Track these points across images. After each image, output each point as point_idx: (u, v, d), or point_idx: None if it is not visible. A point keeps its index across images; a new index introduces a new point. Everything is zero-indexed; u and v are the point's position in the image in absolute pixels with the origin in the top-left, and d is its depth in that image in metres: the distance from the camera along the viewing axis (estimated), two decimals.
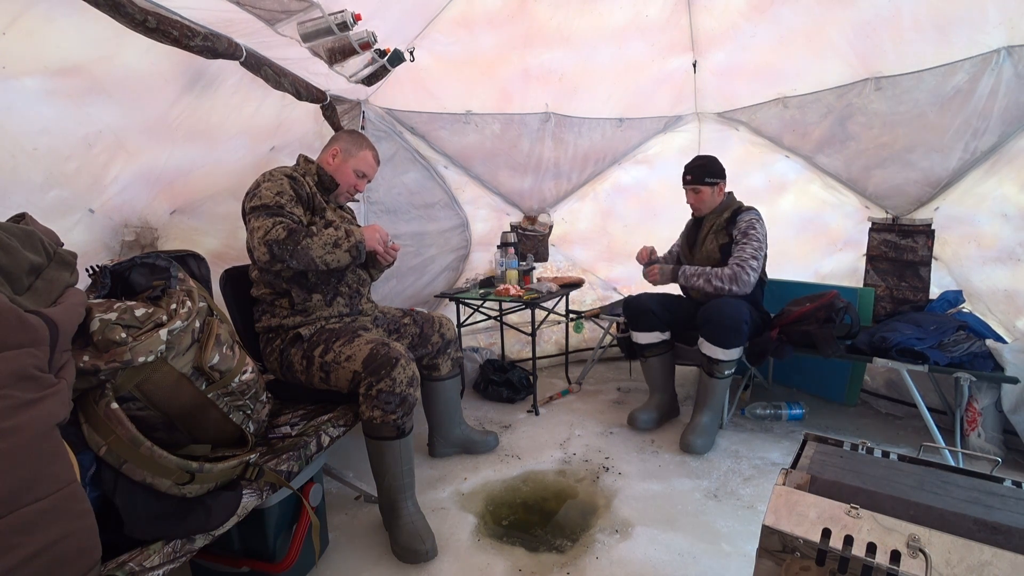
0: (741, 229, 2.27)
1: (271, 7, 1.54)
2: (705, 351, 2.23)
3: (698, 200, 2.40)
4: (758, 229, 2.25)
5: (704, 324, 2.20)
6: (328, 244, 1.58)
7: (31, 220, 1.00)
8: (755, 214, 2.31)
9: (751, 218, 2.29)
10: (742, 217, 2.30)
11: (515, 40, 2.58)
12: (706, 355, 2.23)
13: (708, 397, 2.27)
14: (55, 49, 1.27)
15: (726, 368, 2.21)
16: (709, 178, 2.34)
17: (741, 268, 2.17)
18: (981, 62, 2.11)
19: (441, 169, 3.00)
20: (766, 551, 0.91)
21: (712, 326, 2.17)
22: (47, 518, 0.72)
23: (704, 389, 2.28)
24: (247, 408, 1.28)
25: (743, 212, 2.33)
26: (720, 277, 2.20)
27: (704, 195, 2.37)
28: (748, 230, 2.25)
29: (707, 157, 2.39)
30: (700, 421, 2.25)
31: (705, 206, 2.40)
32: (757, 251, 2.20)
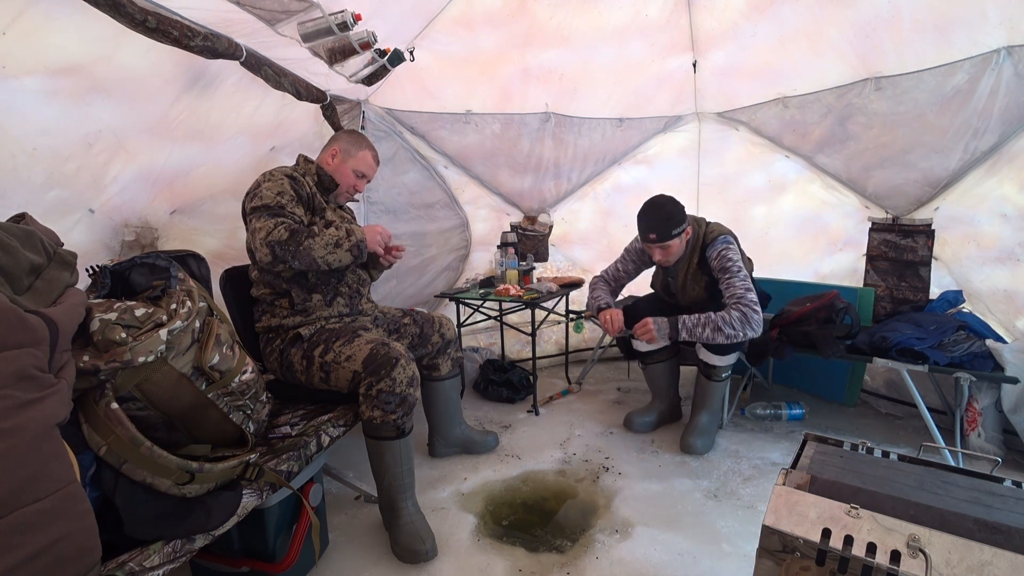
0: (717, 265, 2.08)
1: (271, 7, 1.54)
2: (702, 357, 2.22)
3: (667, 255, 2.12)
4: (732, 258, 2.05)
5: None
6: (330, 244, 1.58)
7: (31, 220, 1.00)
8: (721, 243, 2.10)
9: (720, 251, 2.08)
10: (710, 254, 2.11)
11: (515, 40, 2.58)
12: (703, 360, 2.22)
13: (706, 398, 2.26)
14: (55, 49, 1.27)
15: (723, 372, 2.21)
16: (676, 229, 2.06)
17: (748, 307, 1.94)
18: (981, 62, 2.11)
19: (441, 169, 3.00)
20: (766, 551, 0.91)
21: None
22: (47, 518, 0.72)
23: (702, 391, 2.27)
24: (247, 408, 1.28)
25: (708, 247, 2.12)
26: (730, 323, 1.93)
27: (673, 248, 2.10)
28: (725, 264, 2.05)
29: (663, 205, 2.07)
30: (699, 422, 2.23)
31: (675, 257, 2.15)
32: (745, 280, 2.02)
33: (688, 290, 2.23)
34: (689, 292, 2.23)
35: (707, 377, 2.24)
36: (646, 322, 2.04)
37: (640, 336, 2.06)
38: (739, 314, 1.94)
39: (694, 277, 2.20)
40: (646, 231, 2.09)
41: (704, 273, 2.17)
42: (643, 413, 2.41)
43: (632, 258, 2.40)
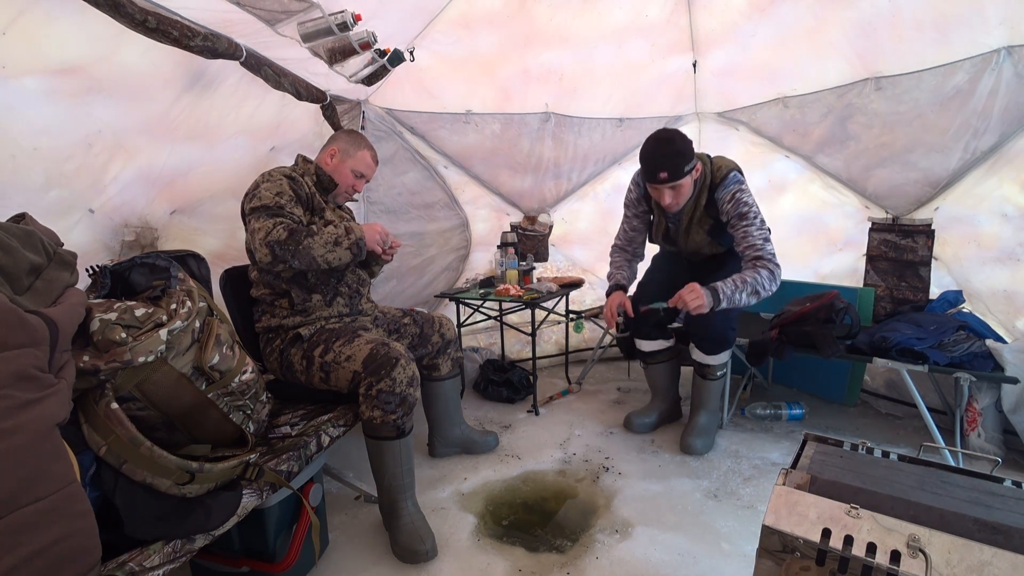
0: (730, 210, 1.87)
1: (271, 7, 1.54)
2: (695, 357, 2.20)
3: (678, 198, 1.90)
4: (748, 202, 1.86)
5: (693, 334, 2.17)
6: (329, 243, 1.58)
7: (31, 220, 1.00)
8: (733, 182, 1.89)
9: (733, 193, 1.86)
10: (721, 196, 1.89)
11: (515, 40, 2.58)
12: (696, 361, 2.21)
13: (703, 398, 2.24)
14: (55, 49, 1.27)
15: (717, 370, 2.19)
16: (688, 166, 1.84)
17: (771, 262, 1.81)
18: (981, 62, 2.11)
19: (441, 169, 3.00)
20: (766, 551, 0.91)
21: (699, 338, 2.15)
22: (47, 518, 0.72)
23: (699, 391, 2.25)
24: (247, 408, 1.28)
25: (719, 187, 1.91)
26: (762, 283, 1.79)
27: (684, 189, 1.88)
28: (741, 209, 1.84)
29: (672, 139, 1.85)
30: (698, 422, 2.21)
31: (684, 199, 1.93)
32: (763, 228, 1.84)
33: (692, 235, 2.05)
34: (693, 238, 2.05)
35: (702, 376, 2.22)
36: (694, 287, 1.79)
37: (691, 304, 1.78)
38: (767, 272, 1.79)
39: (699, 221, 2.00)
40: (656, 170, 1.83)
41: (710, 216, 1.97)
42: (643, 414, 2.38)
43: (634, 212, 2.21)
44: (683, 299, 1.80)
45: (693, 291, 1.78)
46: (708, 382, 2.20)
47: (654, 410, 2.39)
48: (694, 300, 1.77)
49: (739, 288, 1.78)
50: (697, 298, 1.77)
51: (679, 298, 1.80)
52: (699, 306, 1.78)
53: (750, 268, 1.82)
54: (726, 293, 1.78)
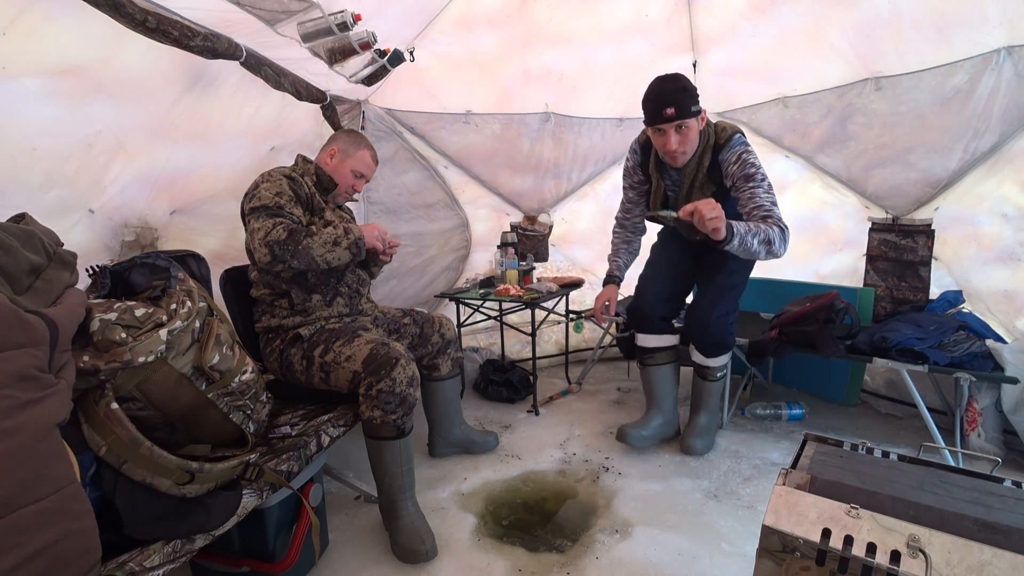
0: (736, 172, 1.73)
1: (271, 7, 1.54)
2: (695, 359, 2.16)
3: (684, 142, 1.75)
4: (756, 163, 1.73)
5: (692, 336, 2.11)
6: (328, 243, 1.58)
7: (31, 220, 1.00)
8: (739, 143, 1.77)
9: (739, 154, 1.73)
10: (726, 157, 1.76)
11: (515, 40, 2.58)
12: (696, 363, 2.18)
13: (703, 399, 2.20)
14: (55, 49, 1.27)
15: (718, 371, 2.16)
16: (695, 105, 1.71)
17: (781, 224, 1.65)
18: (981, 62, 2.11)
19: (441, 169, 3.00)
20: (766, 551, 0.91)
21: (697, 341, 2.10)
22: (47, 518, 0.72)
23: (699, 391, 2.22)
24: (247, 408, 1.28)
25: (723, 149, 1.78)
26: (773, 239, 1.61)
27: (691, 134, 1.74)
28: (748, 171, 1.71)
29: (678, 77, 1.76)
30: (698, 422, 2.18)
31: (691, 147, 1.78)
32: (771, 191, 1.70)
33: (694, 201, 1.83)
34: None
35: (702, 377, 2.19)
36: (711, 201, 1.52)
37: (707, 215, 1.49)
38: (778, 229, 1.62)
39: (701, 185, 1.84)
40: (661, 106, 1.70)
41: (713, 181, 1.82)
42: (640, 426, 2.14)
43: (630, 182, 2.10)
44: (699, 211, 1.50)
45: (711, 204, 1.50)
46: (708, 383, 2.18)
47: (651, 421, 2.18)
48: (711, 212, 1.49)
49: (752, 231, 1.58)
50: (714, 211, 1.49)
51: (696, 209, 1.51)
52: (716, 219, 1.49)
53: (758, 221, 1.65)
54: (739, 232, 1.56)
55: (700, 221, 1.50)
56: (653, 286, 2.17)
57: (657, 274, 2.21)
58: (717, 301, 2.01)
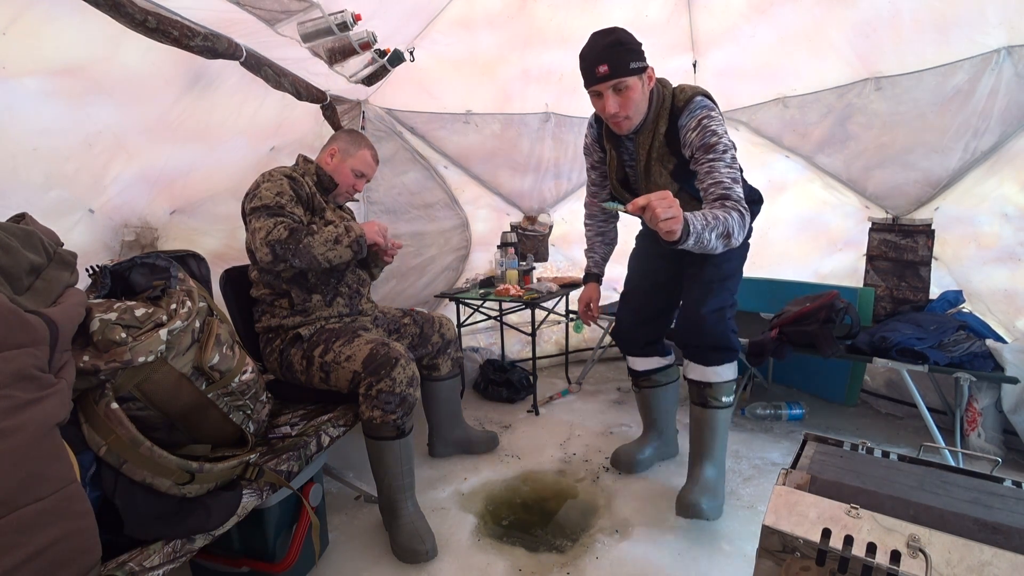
0: (695, 140, 1.46)
1: (271, 7, 1.54)
2: (692, 375, 1.70)
3: (626, 105, 1.48)
4: (718, 131, 1.45)
5: (684, 342, 1.71)
6: (329, 241, 1.58)
7: (31, 220, 1.00)
8: (700, 107, 1.49)
9: (700, 118, 1.46)
10: (685, 123, 1.49)
11: (515, 40, 2.58)
12: (693, 380, 1.70)
13: (707, 439, 1.70)
14: (55, 49, 1.27)
15: (724, 392, 1.67)
16: (635, 62, 1.46)
17: (739, 206, 1.39)
18: (981, 62, 2.11)
19: (441, 169, 3.00)
20: (766, 551, 0.91)
21: (691, 347, 1.69)
22: (47, 518, 0.72)
23: (699, 429, 1.71)
24: (247, 408, 1.28)
25: (683, 113, 1.51)
26: (731, 227, 1.35)
27: (633, 94, 1.47)
28: (708, 139, 1.44)
29: (614, 30, 1.51)
30: (702, 476, 1.67)
31: (635, 110, 1.51)
32: (733, 165, 1.44)
33: (653, 177, 1.61)
34: (655, 180, 1.61)
35: (703, 404, 1.69)
36: (667, 195, 1.19)
37: (661, 214, 1.17)
38: (737, 214, 1.37)
39: (660, 157, 1.57)
40: (594, 64, 1.45)
41: (673, 153, 1.55)
42: (638, 448, 1.97)
43: (591, 162, 1.85)
44: (652, 208, 1.17)
45: (667, 200, 1.18)
46: (712, 411, 1.68)
47: (648, 443, 1.99)
48: (666, 211, 1.16)
49: (709, 225, 1.30)
50: (670, 209, 1.17)
51: (648, 204, 1.18)
52: (671, 220, 1.18)
53: (717, 207, 1.38)
54: (695, 229, 1.27)
55: (652, 220, 1.18)
56: (632, 306, 1.93)
57: (635, 290, 1.93)
58: (707, 296, 1.66)
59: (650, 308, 1.90)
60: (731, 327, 1.70)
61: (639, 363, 1.95)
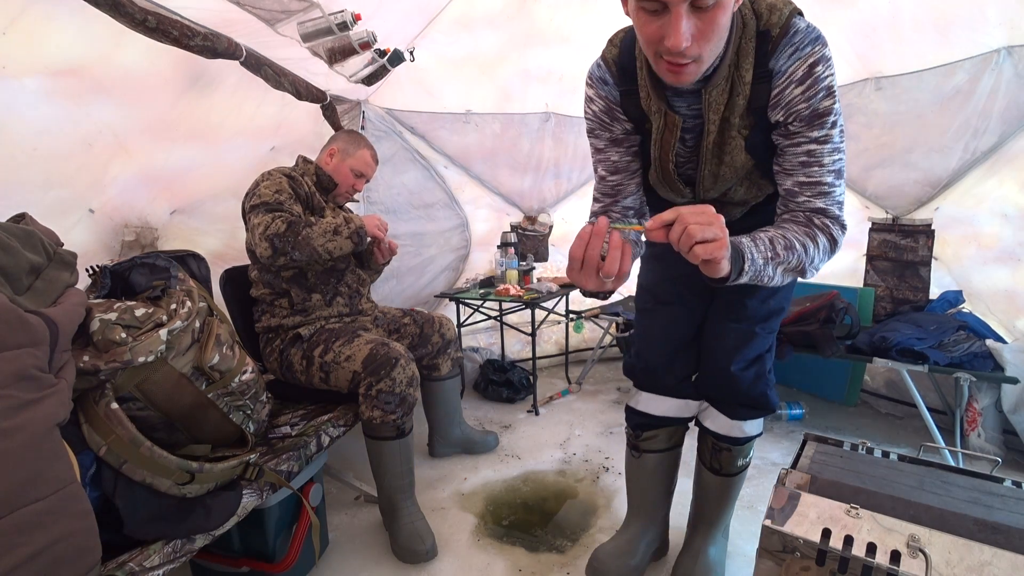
0: (798, 100, 0.92)
1: (271, 7, 1.54)
2: (710, 425, 1.32)
3: (708, 31, 0.80)
4: (832, 85, 0.92)
5: (708, 388, 1.30)
6: (328, 232, 1.59)
7: (31, 220, 1.00)
8: (809, 37, 0.90)
9: (811, 59, 0.90)
10: (787, 66, 0.91)
11: (515, 40, 2.58)
12: (711, 432, 1.32)
13: (715, 507, 1.38)
14: (55, 49, 1.27)
15: (743, 454, 1.32)
16: None
17: (835, 223, 0.97)
18: (981, 62, 2.11)
19: (441, 169, 3.00)
20: (766, 551, 0.91)
21: (718, 397, 1.29)
22: (47, 518, 0.72)
23: (707, 494, 1.39)
24: (247, 408, 1.28)
25: (780, 47, 0.91)
26: (812, 259, 0.94)
27: (724, 12, 0.80)
28: (818, 98, 0.91)
29: None
30: (705, 549, 1.37)
31: (715, 46, 0.85)
32: (841, 146, 0.96)
33: (728, 157, 1.02)
34: (730, 162, 1.02)
35: (715, 471, 1.34)
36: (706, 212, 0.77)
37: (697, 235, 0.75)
38: (826, 239, 0.95)
39: (741, 121, 0.98)
40: None
41: (752, 111, 0.97)
42: (623, 552, 1.40)
43: (608, 138, 1.14)
44: (687, 227, 0.75)
45: (706, 216, 0.76)
46: (726, 479, 1.34)
47: (639, 542, 1.42)
48: (703, 231, 0.75)
49: (777, 257, 0.88)
50: (710, 228, 0.75)
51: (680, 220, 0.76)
52: (713, 245, 0.75)
53: (800, 223, 0.96)
54: (752, 257, 0.85)
55: (686, 245, 0.75)
56: (661, 322, 1.34)
57: (662, 301, 1.34)
58: (743, 344, 1.23)
59: (689, 326, 1.31)
60: (770, 383, 1.27)
61: (661, 404, 1.35)
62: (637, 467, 1.42)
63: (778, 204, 1.02)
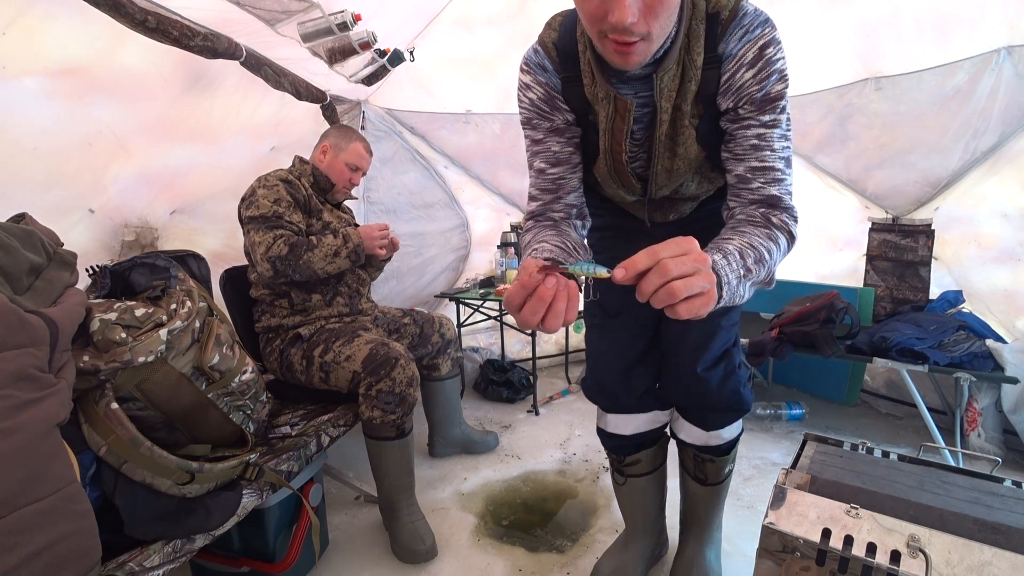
0: (749, 84, 0.87)
1: (271, 7, 1.54)
2: (686, 438, 1.26)
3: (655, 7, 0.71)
4: (783, 69, 0.88)
5: (676, 397, 1.24)
6: (328, 255, 1.64)
7: (31, 220, 1.00)
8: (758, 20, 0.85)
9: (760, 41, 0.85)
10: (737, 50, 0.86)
11: (515, 40, 2.58)
12: (688, 444, 1.27)
13: (706, 512, 1.35)
14: (55, 49, 1.28)
15: (727, 462, 1.27)
16: None
17: (789, 214, 0.93)
18: (981, 62, 2.11)
19: (441, 169, 3.00)
20: (766, 551, 0.91)
21: (689, 405, 1.23)
22: (47, 518, 0.72)
23: (694, 503, 1.36)
24: (247, 408, 1.28)
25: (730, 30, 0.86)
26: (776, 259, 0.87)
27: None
28: (770, 82, 0.87)
29: None
30: (701, 552, 1.35)
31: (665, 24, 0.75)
32: (788, 131, 0.94)
33: (681, 149, 0.96)
34: (682, 153, 0.96)
35: (700, 481, 1.30)
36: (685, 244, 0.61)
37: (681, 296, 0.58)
38: (786, 236, 0.91)
39: (692, 109, 0.92)
40: None
41: (701, 99, 0.91)
42: (632, 560, 1.38)
43: (547, 128, 1.05)
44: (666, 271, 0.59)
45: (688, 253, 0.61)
46: (710, 489, 1.30)
47: (639, 555, 1.40)
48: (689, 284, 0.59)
49: (750, 273, 0.77)
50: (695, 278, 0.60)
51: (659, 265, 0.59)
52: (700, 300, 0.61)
53: (760, 225, 0.89)
54: (729, 282, 0.71)
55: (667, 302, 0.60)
56: (614, 337, 1.24)
57: (612, 314, 1.24)
58: (708, 342, 1.15)
59: (641, 337, 1.22)
60: (741, 379, 1.20)
61: (628, 423, 1.27)
62: (626, 492, 1.39)
63: (728, 195, 0.95)
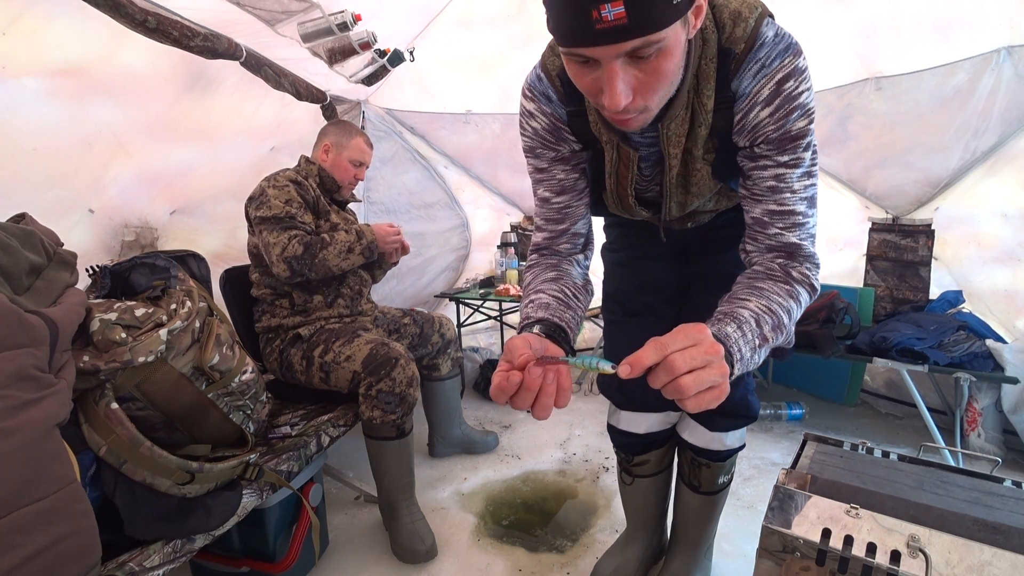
0: (766, 122, 0.78)
1: (271, 8, 1.54)
2: (689, 438, 1.24)
3: (652, 82, 0.67)
4: (807, 102, 0.78)
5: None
6: (343, 251, 1.64)
7: (31, 220, 1.00)
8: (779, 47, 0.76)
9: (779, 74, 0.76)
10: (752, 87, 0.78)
11: (515, 40, 2.58)
12: (690, 445, 1.25)
13: (697, 528, 1.33)
14: (55, 49, 1.28)
15: (725, 470, 1.26)
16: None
17: (810, 264, 0.89)
18: (981, 62, 2.10)
19: (441, 169, 3.01)
20: (766, 551, 0.91)
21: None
22: (47, 518, 0.72)
23: (686, 513, 1.33)
24: (247, 408, 1.28)
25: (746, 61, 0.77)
26: (794, 318, 0.88)
27: (671, 57, 0.65)
28: (791, 119, 0.77)
29: None
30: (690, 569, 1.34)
31: (665, 91, 0.71)
32: (812, 168, 0.83)
33: (693, 186, 0.93)
34: (695, 189, 0.93)
35: (694, 489, 1.28)
36: (695, 335, 0.62)
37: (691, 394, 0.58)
38: (807, 290, 0.88)
39: (706, 150, 0.88)
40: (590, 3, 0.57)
41: (716, 134, 0.85)
42: (635, 560, 1.41)
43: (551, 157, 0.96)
44: (673, 368, 0.59)
45: (699, 344, 0.61)
46: (705, 499, 1.28)
47: (639, 555, 1.41)
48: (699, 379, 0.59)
49: (764, 343, 0.76)
50: (707, 372, 0.60)
51: (667, 362, 0.60)
52: (711, 394, 0.61)
53: (779, 280, 0.86)
54: (743, 356, 0.72)
55: (675, 396, 0.60)
56: (632, 333, 1.19)
57: (632, 312, 1.25)
58: None
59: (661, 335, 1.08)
60: (750, 387, 1.19)
61: (642, 421, 1.27)
62: (632, 492, 1.39)
63: (746, 235, 0.91)
